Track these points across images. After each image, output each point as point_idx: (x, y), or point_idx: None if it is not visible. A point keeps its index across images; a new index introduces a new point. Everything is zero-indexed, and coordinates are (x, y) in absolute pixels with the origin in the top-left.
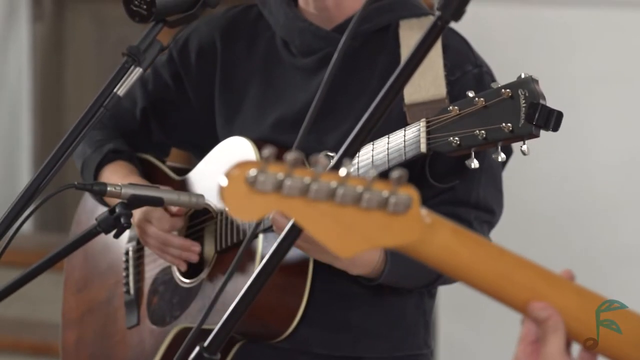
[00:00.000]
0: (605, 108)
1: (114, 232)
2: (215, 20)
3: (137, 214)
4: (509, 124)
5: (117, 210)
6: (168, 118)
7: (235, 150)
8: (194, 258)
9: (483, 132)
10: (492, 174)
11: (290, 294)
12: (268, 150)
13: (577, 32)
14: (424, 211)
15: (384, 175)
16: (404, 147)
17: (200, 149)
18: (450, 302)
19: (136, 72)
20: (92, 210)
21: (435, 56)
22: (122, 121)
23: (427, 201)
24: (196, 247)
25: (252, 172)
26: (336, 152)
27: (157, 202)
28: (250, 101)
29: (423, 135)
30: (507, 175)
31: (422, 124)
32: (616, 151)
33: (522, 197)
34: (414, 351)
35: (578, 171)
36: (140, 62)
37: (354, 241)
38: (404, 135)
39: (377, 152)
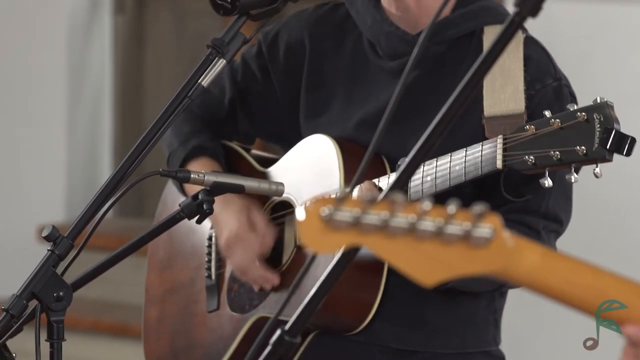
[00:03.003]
0: None
1: (196, 217)
2: (305, 17)
3: (226, 230)
4: (583, 147)
5: (200, 196)
6: (254, 109)
7: (318, 149)
8: (269, 287)
9: (558, 153)
10: (564, 184)
11: (366, 290)
12: (341, 191)
13: (638, 28)
14: (508, 236)
15: (458, 188)
16: (481, 161)
17: (284, 141)
18: (513, 298)
19: (220, 64)
20: (178, 193)
21: (517, 69)
22: (211, 109)
23: (498, 208)
24: (275, 279)
25: (328, 209)
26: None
27: (238, 189)
28: (335, 99)
29: (500, 152)
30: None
31: (499, 140)
32: None
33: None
34: (483, 348)
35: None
36: (224, 54)
37: (437, 270)
38: (481, 150)
39: (454, 164)
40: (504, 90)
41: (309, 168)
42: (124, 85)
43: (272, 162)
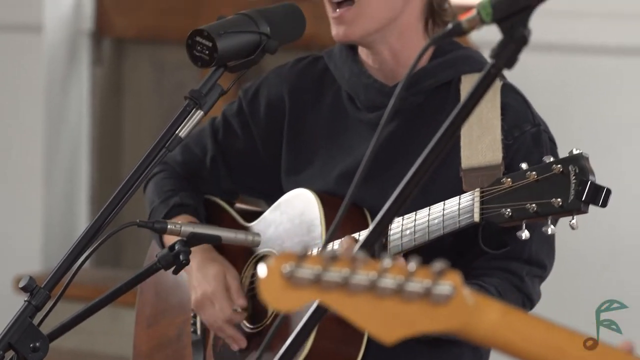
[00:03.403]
0: None
1: (173, 268)
2: (285, 72)
3: (200, 288)
4: (559, 199)
5: (177, 247)
6: (236, 166)
7: (300, 203)
8: (237, 347)
9: (534, 205)
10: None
11: (349, 344)
12: (303, 249)
13: (613, 79)
14: (468, 294)
15: (439, 240)
16: (459, 214)
17: (266, 196)
18: None
19: (198, 115)
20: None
21: (494, 118)
22: (193, 168)
23: (480, 256)
24: (243, 342)
25: (289, 266)
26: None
27: (214, 240)
28: (316, 154)
29: (477, 205)
30: None
31: (476, 193)
32: None
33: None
34: None
35: (610, 214)
36: (201, 106)
37: (397, 328)
38: (459, 204)
39: (432, 217)
40: (481, 140)
41: (291, 222)
42: (102, 136)
43: (257, 215)
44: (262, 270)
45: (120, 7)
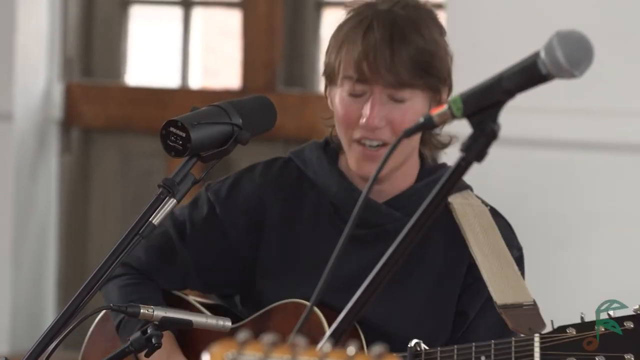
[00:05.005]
0: (599, 247)
1: (144, 351)
2: (258, 178)
3: None
4: (631, 355)
5: (149, 331)
6: (206, 268)
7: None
8: None
9: (602, 357)
10: None
11: None
12: (244, 335)
13: (572, 173)
14: None
15: None
16: (513, 357)
17: (232, 300)
18: None
19: (170, 203)
20: (108, 331)
21: (504, 248)
22: (155, 268)
23: None
24: None
25: (232, 353)
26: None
27: (186, 324)
28: (298, 260)
29: (537, 350)
30: None
31: (536, 339)
32: (610, 290)
33: None
34: None
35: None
36: (174, 194)
37: None
38: (513, 346)
39: (478, 353)
40: (505, 274)
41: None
42: (69, 222)
43: (216, 307)
44: (205, 357)
45: (89, 97)
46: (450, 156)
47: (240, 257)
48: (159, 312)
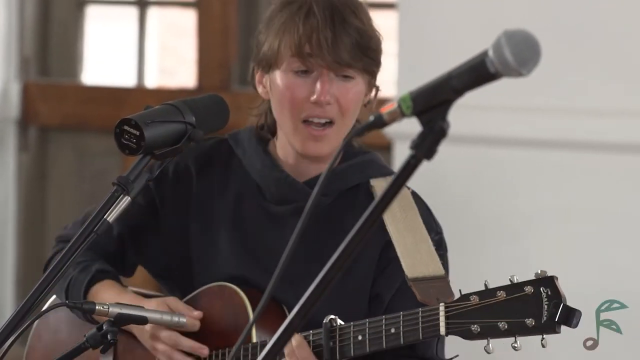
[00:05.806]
0: (547, 242)
1: (101, 347)
2: (189, 149)
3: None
4: (531, 319)
5: (105, 327)
6: (143, 243)
7: (226, 299)
8: (205, 353)
9: (505, 323)
10: None
11: None
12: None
13: (520, 170)
14: None
15: (396, 349)
16: (420, 327)
17: (171, 279)
18: None
19: (125, 201)
20: (57, 325)
21: (420, 226)
22: (99, 245)
23: (387, 353)
24: (204, 349)
25: None
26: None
27: (141, 321)
28: (223, 236)
29: (442, 319)
30: None
31: (441, 308)
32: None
33: None
34: None
35: None
36: (129, 191)
37: None
38: (420, 317)
39: (388, 326)
40: (418, 249)
41: (221, 320)
42: (27, 219)
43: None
44: None
45: (46, 97)
46: (401, 154)
47: (171, 231)
48: (114, 309)
